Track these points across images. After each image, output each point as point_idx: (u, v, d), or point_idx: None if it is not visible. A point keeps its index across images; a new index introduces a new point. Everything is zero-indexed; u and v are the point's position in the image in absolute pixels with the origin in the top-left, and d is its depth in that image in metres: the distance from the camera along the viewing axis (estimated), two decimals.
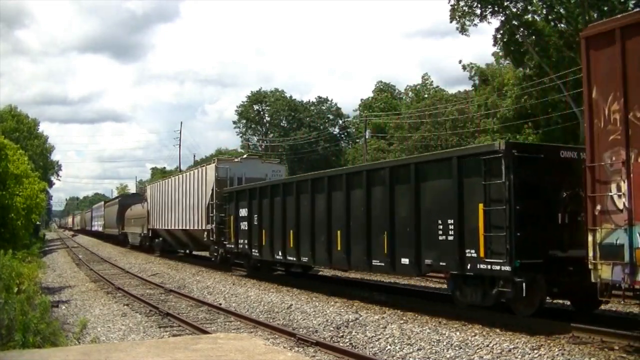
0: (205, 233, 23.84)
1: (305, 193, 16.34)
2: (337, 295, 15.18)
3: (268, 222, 18.38)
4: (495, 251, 10.34)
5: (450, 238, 11.24)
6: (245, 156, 25.27)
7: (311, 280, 19.01)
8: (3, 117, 61.87)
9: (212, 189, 23.44)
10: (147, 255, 34.15)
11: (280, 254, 17.70)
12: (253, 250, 19.51)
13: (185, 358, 4.81)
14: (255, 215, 19.23)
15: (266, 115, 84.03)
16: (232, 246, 21.05)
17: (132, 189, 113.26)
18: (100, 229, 58.29)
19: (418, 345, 9.84)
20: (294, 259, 17.07)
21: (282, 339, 10.96)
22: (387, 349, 10.02)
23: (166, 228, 30.57)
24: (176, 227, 28.34)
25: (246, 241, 19.86)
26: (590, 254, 8.75)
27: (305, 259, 16.49)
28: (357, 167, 19.86)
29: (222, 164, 24.33)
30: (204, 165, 26.11)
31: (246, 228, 19.86)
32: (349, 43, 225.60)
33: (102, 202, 64.02)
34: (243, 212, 20.19)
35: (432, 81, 66.17)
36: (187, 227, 26.41)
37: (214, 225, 22.96)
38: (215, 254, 23.31)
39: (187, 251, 31.82)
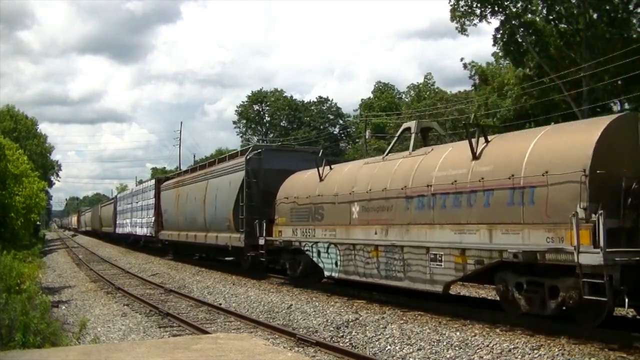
0: None
1: None
2: (337, 295, 15.17)
3: None
4: None
5: None
6: None
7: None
8: (1, 117, 61.80)
9: None
10: (147, 255, 33.82)
11: None
12: None
13: (185, 358, 4.81)
14: None
15: (266, 115, 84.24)
16: None
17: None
18: (144, 230, 34.34)
19: (418, 345, 9.84)
20: None
21: (282, 339, 10.95)
22: (387, 349, 10.02)
23: None
24: None
25: None
26: None
27: None
28: None
29: None
30: None
31: None
32: (349, 43, 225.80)
33: (151, 182, 35.78)
34: None
35: (434, 81, 66.32)
36: None
37: None
38: None
39: None
